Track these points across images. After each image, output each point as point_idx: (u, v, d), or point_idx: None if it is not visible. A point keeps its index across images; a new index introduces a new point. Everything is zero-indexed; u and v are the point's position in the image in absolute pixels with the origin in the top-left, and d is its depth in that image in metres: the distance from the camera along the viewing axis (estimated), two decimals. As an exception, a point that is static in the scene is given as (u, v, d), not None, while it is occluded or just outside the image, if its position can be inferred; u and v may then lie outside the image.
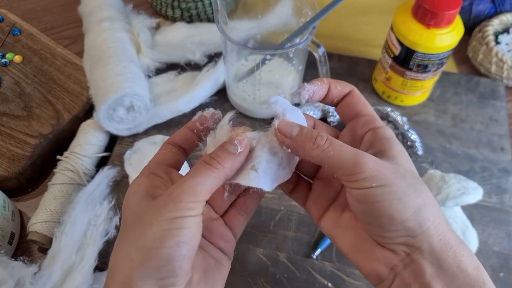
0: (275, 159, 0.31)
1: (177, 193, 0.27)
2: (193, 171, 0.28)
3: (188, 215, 0.26)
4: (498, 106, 0.63)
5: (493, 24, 0.67)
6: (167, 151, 0.32)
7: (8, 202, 0.51)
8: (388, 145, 0.31)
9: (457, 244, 0.28)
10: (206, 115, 0.33)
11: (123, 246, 0.28)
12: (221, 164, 0.28)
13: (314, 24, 0.49)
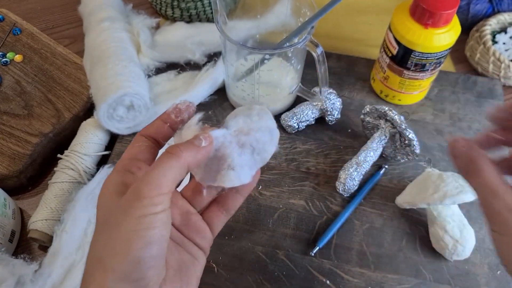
0: (246, 150, 0.31)
1: (140, 188, 0.26)
2: (155, 163, 0.27)
3: (154, 212, 0.26)
4: (496, 105, 0.63)
5: (490, 23, 0.68)
6: (140, 144, 0.31)
7: (9, 200, 0.52)
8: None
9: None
10: (181, 107, 0.32)
11: (95, 249, 0.27)
12: (183, 152, 0.28)
13: (312, 23, 0.50)
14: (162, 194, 0.26)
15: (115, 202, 0.27)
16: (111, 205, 0.28)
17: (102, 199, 0.29)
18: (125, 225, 0.25)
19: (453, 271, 0.50)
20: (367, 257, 0.50)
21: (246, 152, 0.31)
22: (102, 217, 0.28)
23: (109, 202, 0.28)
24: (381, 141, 0.55)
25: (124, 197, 0.27)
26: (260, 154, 0.32)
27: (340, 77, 0.66)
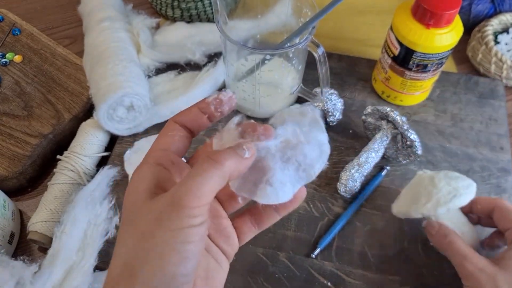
0: (290, 165, 0.29)
1: (178, 197, 0.24)
2: (196, 169, 0.25)
3: (193, 224, 0.24)
4: (497, 106, 0.63)
5: (492, 24, 0.67)
6: (174, 133, 0.29)
7: (8, 202, 0.51)
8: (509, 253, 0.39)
9: None
10: (222, 98, 0.29)
11: (123, 255, 0.25)
12: (226, 161, 0.25)
13: (313, 24, 0.50)
14: (201, 205, 0.25)
15: (147, 204, 0.26)
16: (142, 207, 0.26)
17: (131, 197, 0.27)
18: (160, 236, 0.24)
19: (455, 273, 0.49)
20: (368, 259, 0.50)
21: (290, 167, 0.29)
22: (131, 218, 0.26)
23: (139, 203, 0.26)
24: (382, 142, 0.54)
25: (159, 202, 0.25)
26: (306, 171, 0.29)
27: (341, 77, 0.66)
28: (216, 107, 0.29)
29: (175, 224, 0.24)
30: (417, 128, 0.60)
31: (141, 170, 0.28)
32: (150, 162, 0.28)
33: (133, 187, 0.27)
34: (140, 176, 0.27)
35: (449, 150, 0.59)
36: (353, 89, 0.65)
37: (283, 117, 0.31)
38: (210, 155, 0.26)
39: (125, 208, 0.27)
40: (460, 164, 0.57)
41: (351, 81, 0.66)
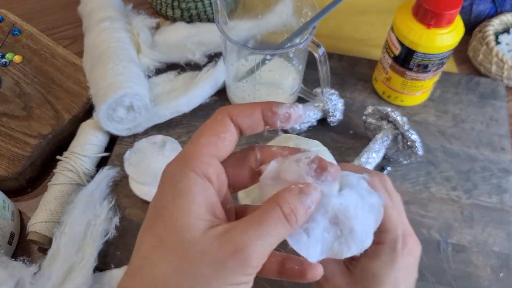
0: (334, 230, 0.26)
1: (246, 253, 0.22)
2: (266, 221, 0.23)
3: (249, 281, 0.23)
4: (499, 106, 0.63)
5: (493, 24, 0.67)
6: (226, 136, 0.25)
7: (8, 202, 0.51)
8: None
9: None
10: (293, 114, 0.26)
11: (158, 280, 0.22)
12: (297, 221, 0.24)
13: (314, 24, 0.49)
14: (260, 264, 0.23)
15: (206, 240, 0.23)
16: (199, 241, 0.23)
17: (183, 220, 0.23)
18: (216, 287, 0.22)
19: (455, 273, 0.49)
20: (369, 260, 0.50)
21: (332, 232, 0.26)
22: (179, 245, 0.23)
23: (196, 233, 0.23)
24: (383, 143, 0.54)
25: (222, 248, 0.22)
26: (343, 244, 0.27)
27: (342, 77, 0.65)
28: (282, 120, 0.26)
29: (234, 279, 0.23)
30: (418, 128, 0.60)
31: (189, 180, 0.24)
32: (198, 172, 0.24)
33: (182, 204, 0.23)
34: (191, 191, 0.23)
35: (450, 151, 0.58)
36: (353, 89, 0.64)
37: (349, 173, 0.28)
38: (285, 211, 0.23)
39: (171, 228, 0.23)
40: (461, 165, 0.57)
41: (351, 81, 0.65)
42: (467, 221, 0.53)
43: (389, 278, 0.29)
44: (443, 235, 0.52)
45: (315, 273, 0.27)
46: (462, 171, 0.57)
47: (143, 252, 0.24)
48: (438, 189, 0.55)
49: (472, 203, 0.54)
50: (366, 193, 0.28)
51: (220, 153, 0.25)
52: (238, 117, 0.25)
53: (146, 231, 0.24)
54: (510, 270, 0.50)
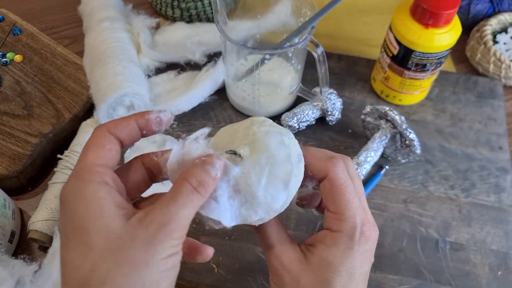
0: (238, 197, 0.28)
1: (171, 227, 0.24)
2: (179, 196, 0.25)
3: (178, 251, 0.25)
4: (496, 105, 0.63)
5: (491, 23, 0.68)
6: (111, 147, 0.27)
7: (9, 201, 0.51)
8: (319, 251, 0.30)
9: None
10: (163, 118, 0.29)
11: (101, 279, 0.24)
12: (206, 191, 0.26)
13: (313, 23, 0.50)
14: (185, 234, 0.25)
15: (127, 229, 0.24)
16: (123, 231, 0.24)
17: (101, 221, 0.24)
18: (154, 265, 0.24)
19: (453, 272, 0.49)
20: (367, 258, 0.50)
21: (237, 199, 0.28)
22: (108, 243, 0.24)
23: (117, 227, 0.24)
24: (381, 142, 0.55)
25: (146, 228, 0.24)
26: (249, 209, 0.28)
27: (340, 77, 0.66)
28: (155, 124, 0.29)
29: (166, 252, 0.24)
30: (416, 127, 0.60)
31: (91, 189, 0.25)
32: (96, 181, 0.26)
33: (95, 209, 0.25)
34: (97, 197, 0.25)
35: (448, 150, 0.59)
36: (352, 89, 0.65)
37: (263, 139, 0.29)
38: (193, 184, 0.26)
39: (95, 232, 0.24)
40: (459, 164, 0.58)
41: (350, 80, 0.66)
42: (465, 219, 0.53)
43: (344, 267, 0.29)
44: (441, 233, 0.52)
45: (206, 255, 0.31)
46: (460, 170, 0.57)
47: (78, 270, 0.24)
48: (436, 188, 0.55)
49: (470, 202, 0.54)
50: (281, 159, 0.29)
51: (109, 163, 0.27)
52: (116, 129, 0.28)
53: (69, 250, 0.25)
54: (508, 269, 0.50)
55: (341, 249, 0.29)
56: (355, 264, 0.29)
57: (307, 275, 0.30)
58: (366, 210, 0.31)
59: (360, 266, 0.30)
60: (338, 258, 0.29)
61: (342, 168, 0.31)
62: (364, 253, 0.30)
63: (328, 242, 0.30)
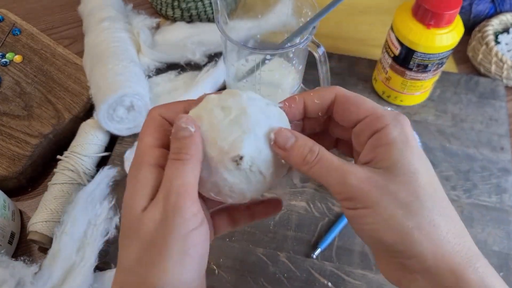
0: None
1: (174, 200, 0.25)
2: (171, 172, 0.26)
3: (196, 225, 0.25)
4: (498, 106, 0.63)
5: (493, 24, 0.67)
6: (166, 128, 0.29)
7: (8, 202, 0.51)
8: (388, 153, 0.26)
9: (469, 268, 0.26)
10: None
11: (130, 267, 0.26)
12: (188, 153, 0.26)
13: (314, 24, 0.49)
14: (195, 201, 0.26)
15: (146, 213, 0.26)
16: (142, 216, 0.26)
17: (130, 204, 0.27)
18: (172, 245, 0.25)
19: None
20: (368, 259, 0.50)
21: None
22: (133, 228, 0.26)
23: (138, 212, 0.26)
24: (383, 142, 0.54)
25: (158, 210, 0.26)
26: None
27: (342, 77, 0.66)
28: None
29: (183, 229, 0.25)
30: (418, 128, 0.60)
31: (140, 172, 0.27)
32: (150, 163, 0.27)
33: (131, 193, 0.27)
34: (140, 180, 0.27)
35: (450, 150, 0.59)
36: (353, 89, 0.63)
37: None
38: (174, 158, 0.27)
39: (124, 219, 0.27)
40: (460, 164, 0.57)
41: (351, 81, 0.65)
42: (467, 220, 0.53)
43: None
44: (442, 234, 0.52)
45: (278, 206, 0.33)
46: (462, 171, 0.57)
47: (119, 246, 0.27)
48: (438, 189, 0.55)
49: (472, 203, 0.54)
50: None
51: (163, 143, 0.28)
52: (168, 114, 0.29)
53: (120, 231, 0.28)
54: (509, 270, 0.50)
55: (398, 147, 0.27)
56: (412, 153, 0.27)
57: (392, 179, 0.26)
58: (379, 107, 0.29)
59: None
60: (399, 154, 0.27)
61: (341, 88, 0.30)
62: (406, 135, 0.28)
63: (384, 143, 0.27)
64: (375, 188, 0.26)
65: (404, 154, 0.26)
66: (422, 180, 0.26)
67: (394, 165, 0.26)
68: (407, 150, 0.27)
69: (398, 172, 0.26)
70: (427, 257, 0.25)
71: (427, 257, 0.25)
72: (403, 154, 0.26)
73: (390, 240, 0.26)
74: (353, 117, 0.29)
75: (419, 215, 0.25)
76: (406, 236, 0.25)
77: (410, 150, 0.27)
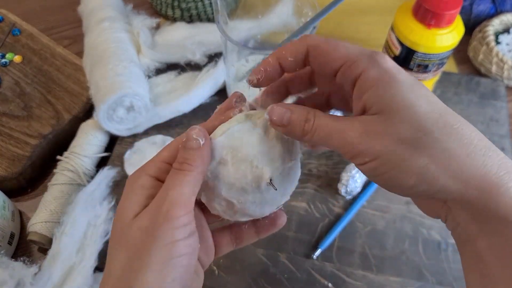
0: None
1: (165, 209, 0.25)
2: (170, 182, 0.26)
3: (184, 236, 0.25)
4: (499, 106, 0.63)
5: (493, 24, 0.67)
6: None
7: (8, 203, 0.51)
8: (375, 96, 0.24)
9: (497, 188, 0.23)
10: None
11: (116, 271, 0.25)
12: (192, 164, 0.26)
13: (314, 24, 0.49)
14: (188, 212, 0.25)
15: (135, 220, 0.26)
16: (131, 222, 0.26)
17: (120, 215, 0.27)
18: (156, 253, 0.24)
19: (456, 274, 0.49)
20: (369, 260, 0.50)
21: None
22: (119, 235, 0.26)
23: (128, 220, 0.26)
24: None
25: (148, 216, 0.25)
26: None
27: (341, 77, 0.65)
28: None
29: (168, 237, 0.24)
30: (418, 128, 0.60)
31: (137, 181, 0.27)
32: (150, 174, 0.28)
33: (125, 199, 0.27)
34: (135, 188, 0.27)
35: (450, 151, 0.58)
36: (353, 90, 0.64)
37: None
38: (176, 167, 0.27)
39: (114, 225, 0.27)
40: (461, 165, 0.57)
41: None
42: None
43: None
44: (443, 235, 0.52)
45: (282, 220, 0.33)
46: (462, 171, 0.57)
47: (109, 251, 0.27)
48: (439, 189, 0.55)
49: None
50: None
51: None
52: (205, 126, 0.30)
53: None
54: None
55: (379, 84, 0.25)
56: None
57: (393, 118, 0.24)
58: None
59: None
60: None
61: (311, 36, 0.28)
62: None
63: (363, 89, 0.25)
64: (374, 137, 0.24)
65: (392, 91, 0.24)
66: (421, 111, 0.24)
67: (386, 106, 0.24)
68: (394, 86, 0.24)
69: (393, 111, 0.24)
70: (451, 189, 0.24)
71: (451, 189, 0.24)
72: (391, 92, 0.24)
73: (411, 182, 0.24)
74: (328, 67, 0.27)
75: (429, 147, 0.24)
76: (424, 175, 0.24)
77: (397, 85, 0.24)
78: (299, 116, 0.26)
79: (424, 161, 0.24)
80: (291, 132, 0.27)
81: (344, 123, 0.25)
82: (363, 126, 0.24)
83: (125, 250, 0.25)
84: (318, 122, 0.26)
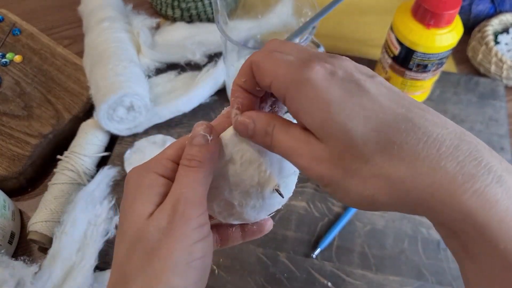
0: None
1: (182, 209, 0.24)
2: (182, 179, 0.26)
3: (203, 236, 0.25)
4: (498, 106, 0.63)
5: (492, 24, 0.67)
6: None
7: (8, 202, 0.51)
8: (308, 122, 0.23)
9: (465, 195, 0.21)
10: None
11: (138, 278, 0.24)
12: (201, 161, 0.26)
13: (314, 24, 0.49)
14: (203, 211, 0.25)
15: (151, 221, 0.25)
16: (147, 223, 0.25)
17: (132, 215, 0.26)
18: (177, 256, 0.24)
19: (455, 273, 0.49)
20: (368, 259, 0.50)
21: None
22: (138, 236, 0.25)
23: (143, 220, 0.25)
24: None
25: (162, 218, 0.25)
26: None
27: (341, 77, 0.65)
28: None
29: (188, 239, 0.24)
30: (418, 128, 0.60)
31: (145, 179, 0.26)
32: (158, 172, 0.27)
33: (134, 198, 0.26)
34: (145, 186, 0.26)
35: (450, 150, 0.59)
36: (353, 89, 0.64)
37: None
38: (185, 164, 0.26)
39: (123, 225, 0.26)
40: (460, 164, 0.57)
41: (351, 81, 0.65)
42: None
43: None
44: (442, 234, 0.52)
45: (269, 225, 0.32)
46: (462, 171, 0.57)
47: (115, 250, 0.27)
48: (438, 189, 0.55)
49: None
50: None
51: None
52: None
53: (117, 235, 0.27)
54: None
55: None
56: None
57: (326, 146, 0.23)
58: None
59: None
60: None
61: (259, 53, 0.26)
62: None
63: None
64: (321, 164, 0.23)
65: (322, 116, 0.23)
66: (357, 134, 0.22)
67: (321, 132, 0.23)
68: (324, 110, 0.22)
69: (327, 138, 0.23)
70: (404, 210, 0.23)
71: (404, 210, 0.23)
72: (321, 117, 0.23)
73: (364, 205, 0.23)
74: (262, 84, 0.27)
75: (368, 171, 0.22)
76: (372, 198, 0.22)
77: (327, 108, 0.22)
78: (260, 128, 0.26)
79: (368, 186, 0.22)
80: (259, 143, 0.27)
81: (297, 144, 0.24)
82: (310, 152, 0.24)
83: (142, 251, 0.24)
84: (275, 138, 0.25)
